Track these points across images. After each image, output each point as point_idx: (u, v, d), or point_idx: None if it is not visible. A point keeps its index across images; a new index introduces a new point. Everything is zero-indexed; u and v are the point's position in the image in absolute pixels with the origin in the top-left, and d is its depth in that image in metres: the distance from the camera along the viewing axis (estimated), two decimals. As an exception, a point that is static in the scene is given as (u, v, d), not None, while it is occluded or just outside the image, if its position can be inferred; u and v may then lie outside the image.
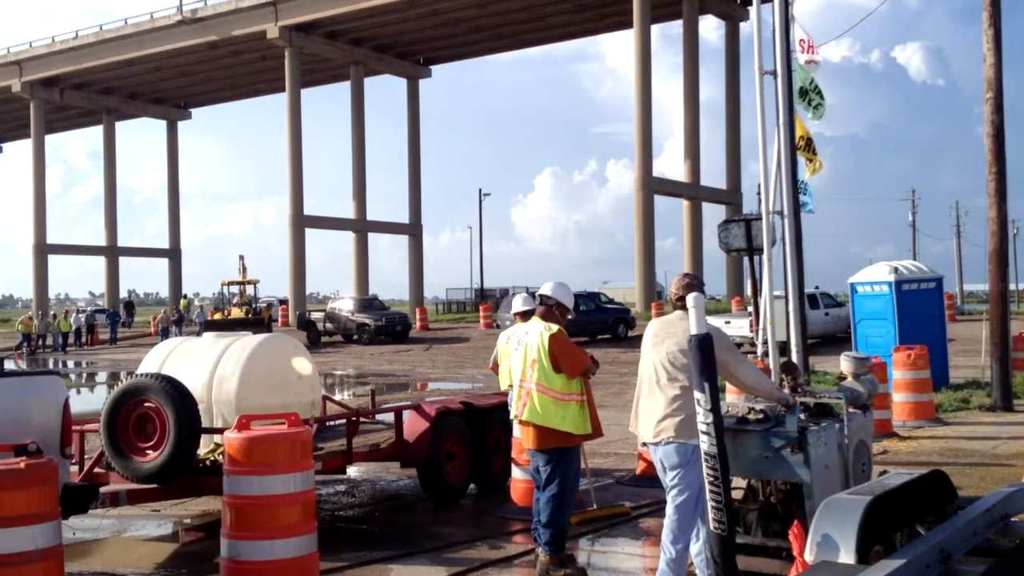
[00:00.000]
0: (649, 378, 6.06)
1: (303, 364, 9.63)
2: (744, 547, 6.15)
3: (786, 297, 8.75)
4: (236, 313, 43.07)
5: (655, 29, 54.57)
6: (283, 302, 55.71)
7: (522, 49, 67.31)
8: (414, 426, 9.23)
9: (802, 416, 6.17)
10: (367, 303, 42.21)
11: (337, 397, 13.88)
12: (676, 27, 56.85)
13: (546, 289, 7.18)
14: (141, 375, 8.04)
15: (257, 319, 41.74)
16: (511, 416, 7.07)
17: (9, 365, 7.10)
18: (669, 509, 5.96)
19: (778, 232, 9.18)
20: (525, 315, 8.60)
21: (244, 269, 46.97)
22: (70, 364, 38.26)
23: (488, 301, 53.82)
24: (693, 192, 55.47)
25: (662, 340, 5.99)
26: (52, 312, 53.37)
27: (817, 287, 31.79)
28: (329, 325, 39.77)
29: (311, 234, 60.99)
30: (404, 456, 9.30)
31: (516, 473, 9.05)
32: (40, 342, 43.89)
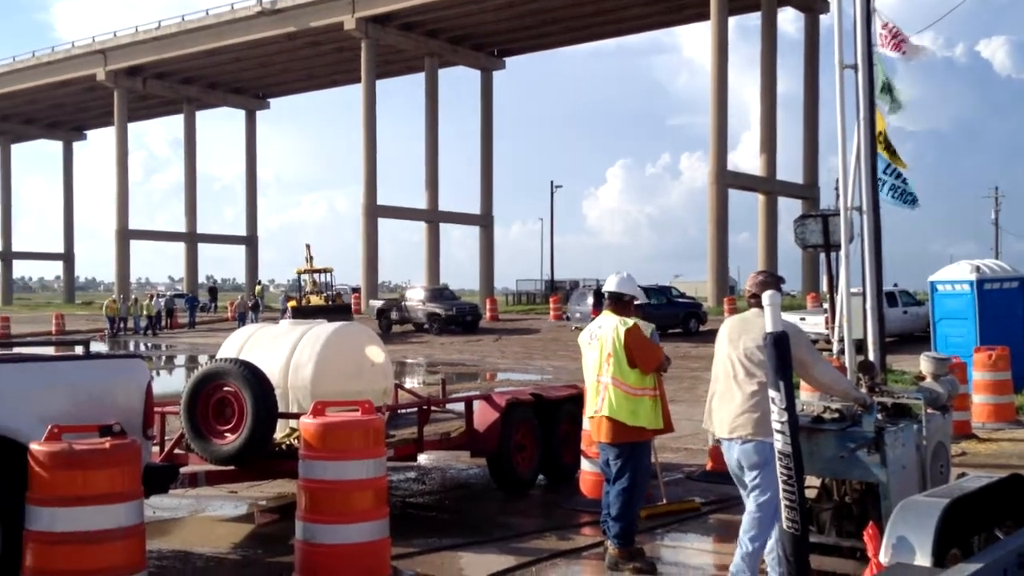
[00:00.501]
0: (725, 375, 6.03)
1: (376, 352, 9.76)
2: (817, 547, 6.09)
3: (864, 294, 8.61)
4: (316, 301, 42.43)
5: (732, 21, 53.90)
6: (355, 291, 56.37)
7: (597, 41, 67.09)
8: (484, 416, 9.30)
9: (879, 416, 6.08)
10: (438, 293, 42.47)
11: (408, 386, 14.03)
12: (753, 19, 56.08)
13: (612, 284, 7.16)
14: (221, 360, 8.23)
15: (343, 306, 41.90)
16: (587, 413, 7.05)
17: (94, 348, 7.35)
18: (751, 506, 5.91)
19: (856, 228, 9.05)
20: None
21: (311, 258, 46.71)
22: (151, 347, 39.21)
23: (558, 293, 53.82)
24: (769, 186, 54.73)
25: (738, 337, 5.95)
26: (133, 296, 54.73)
27: (896, 285, 31.19)
28: (400, 314, 40.14)
29: (384, 224, 61.59)
30: (474, 446, 9.37)
31: (585, 465, 9.07)
32: (122, 325, 45.03)
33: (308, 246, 47.38)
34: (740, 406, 5.88)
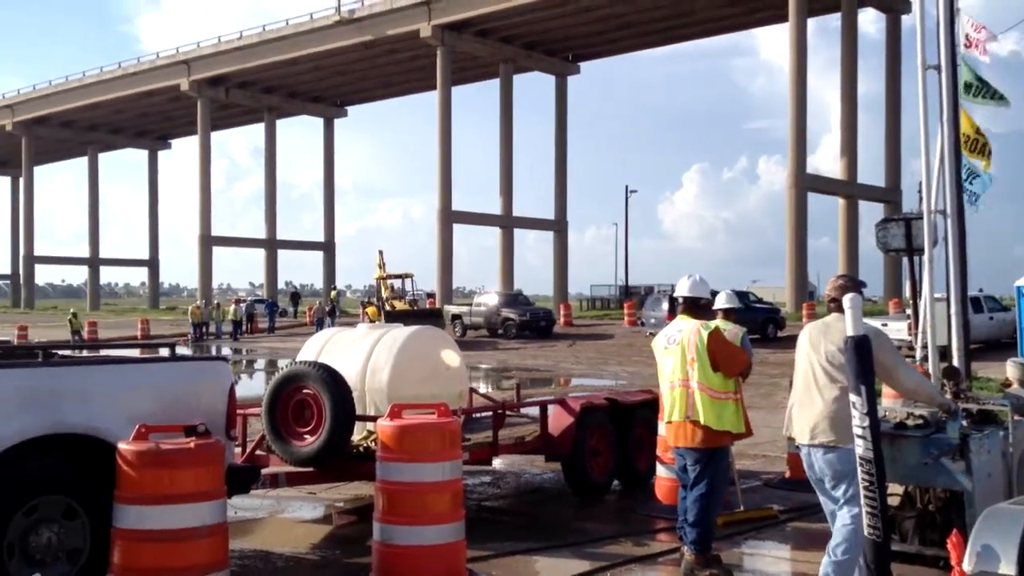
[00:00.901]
0: (806, 380, 5.95)
1: (452, 356, 9.84)
2: (900, 555, 5.99)
3: (948, 300, 8.42)
4: (400, 306, 40.94)
5: (811, 22, 53.12)
6: (430, 296, 56.82)
7: (672, 44, 66.63)
8: (559, 420, 9.31)
9: (964, 423, 5.95)
10: (512, 298, 42.62)
11: (482, 390, 14.10)
12: (833, 20, 55.21)
13: (684, 289, 7.10)
14: (300, 363, 8.38)
15: (434, 311, 41.42)
16: (667, 418, 7.00)
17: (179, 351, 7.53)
18: (844, 518, 5.74)
19: (940, 232, 8.86)
20: (725, 313, 9.28)
21: (383, 264, 45.76)
22: (233, 351, 40.02)
23: (632, 298, 53.54)
24: (849, 190, 53.79)
25: (819, 341, 5.87)
26: (216, 301, 55.89)
27: (981, 290, 30.38)
28: (475, 319, 40.34)
29: (458, 229, 61.96)
30: (548, 450, 9.38)
31: (661, 471, 9.02)
32: (205, 330, 46.04)
33: (380, 252, 46.64)
34: (821, 411, 5.79)
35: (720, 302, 9.41)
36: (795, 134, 49.98)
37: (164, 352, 7.13)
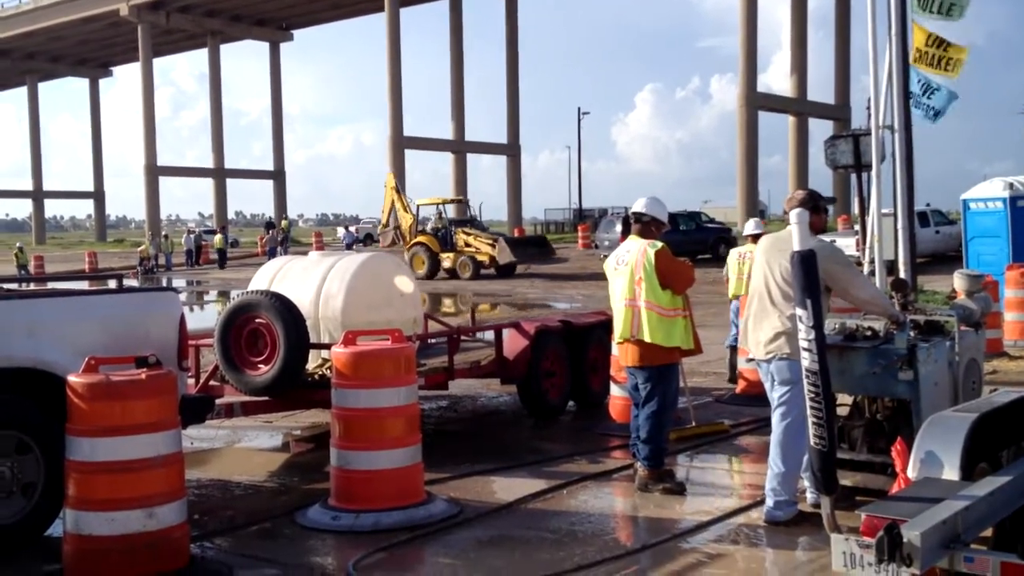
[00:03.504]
0: (760, 295, 6.03)
1: (405, 283, 9.81)
2: (849, 463, 6.14)
3: (895, 215, 8.53)
4: (471, 240, 33.45)
5: (761, -62, 52.62)
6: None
7: (622, -38, 65.74)
8: (514, 344, 9.35)
9: (912, 334, 6.06)
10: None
11: (437, 316, 14.12)
12: (783, -65, 54.74)
13: (639, 206, 7.11)
14: (252, 292, 8.31)
15: (540, 239, 36.69)
16: (618, 338, 7.06)
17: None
18: (778, 426, 5.96)
19: (888, 148, 8.92)
20: (755, 238, 10.04)
21: (398, 189, 38.29)
22: (184, 283, 39.61)
23: (586, 221, 53.63)
24: (799, 107, 53.97)
25: (775, 257, 5.93)
26: (164, 233, 55.16)
27: (928, 204, 30.82)
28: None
29: (411, 155, 61.46)
30: (504, 373, 9.44)
31: (615, 390, 9.13)
32: (155, 262, 45.48)
33: (393, 174, 40.55)
34: (776, 327, 5.88)
35: (749, 228, 11.09)
36: (746, 52, 49.86)
37: (112, 284, 7.04)
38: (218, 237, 48.88)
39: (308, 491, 7.12)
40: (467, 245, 33.35)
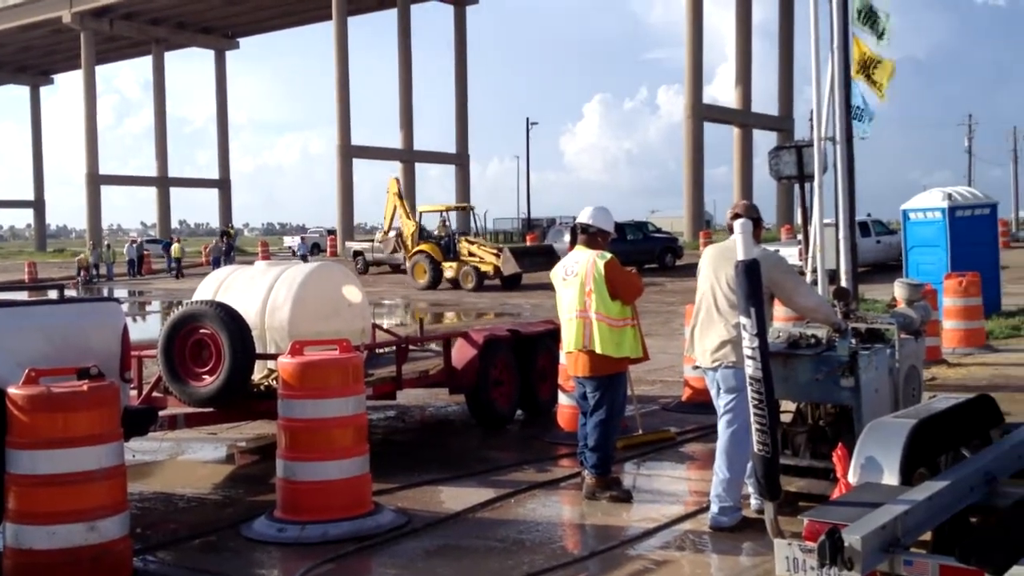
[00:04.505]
0: (707, 304, 6.10)
1: (353, 292, 9.76)
2: (792, 468, 6.22)
3: (836, 225, 8.67)
4: (476, 249, 32.26)
5: (706, -49, 53.30)
6: (331, 232, 56.08)
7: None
8: (462, 353, 9.35)
9: (853, 341, 6.17)
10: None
11: (386, 325, 14.05)
12: (728, -52, 55.50)
13: (585, 217, 7.14)
14: (196, 302, 8.22)
15: (547, 248, 33.57)
16: (567, 348, 7.08)
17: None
18: (724, 433, 6.03)
19: (830, 159, 9.08)
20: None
21: (401, 194, 36.17)
22: (126, 293, 39.00)
23: (535, 231, 53.79)
24: (744, 119, 54.67)
25: (720, 266, 6.01)
26: (106, 243, 54.28)
27: (869, 215, 31.40)
28: (377, 255, 39.90)
29: (359, 164, 61.20)
30: (452, 382, 9.43)
31: (562, 399, 9.16)
32: (96, 271, 44.75)
33: (397, 180, 37.02)
34: (722, 335, 5.95)
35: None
36: (691, 64, 50.43)
37: (52, 295, 6.92)
38: (176, 246, 48.20)
39: (253, 503, 7.05)
40: (470, 255, 32.03)
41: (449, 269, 32.14)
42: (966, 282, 14.04)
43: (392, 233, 36.58)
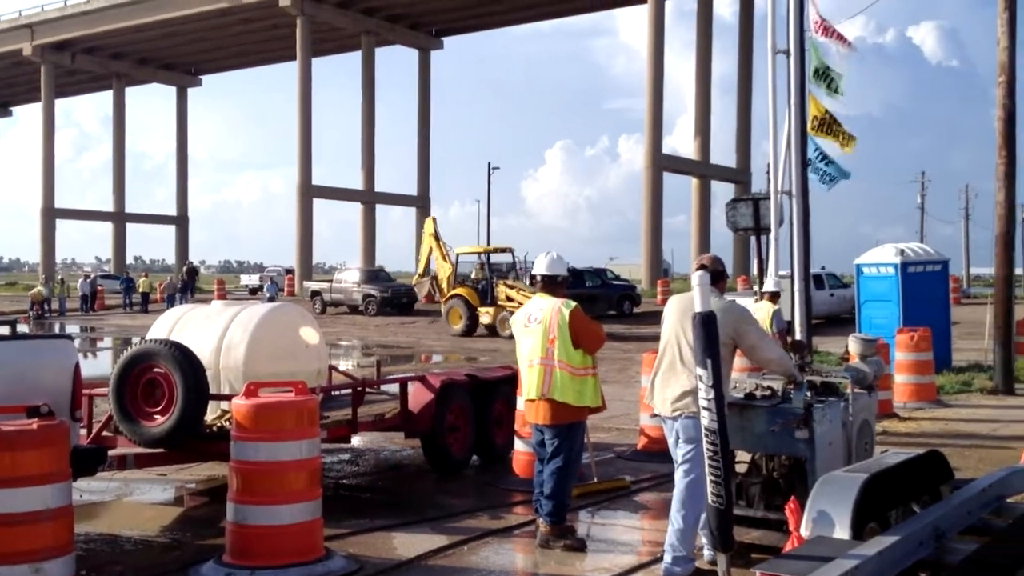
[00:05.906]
0: (671, 354, 6.13)
1: (310, 334, 9.70)
2: (746, 519, 6.25)
3: (792, 277, 8.78)
4: (511, 293, 29.73)
5: (669, 4, 54.35)
6: (288, 272, 55.76)
7: (536, 22, 67.09)
8: (419, 397, 9.31)
9: (808, 394, 6.24)
10: (373, 275, 42.11)
11: (342, 368, 13.96)
12: (689, 2, 56.66)
13: (543, 268, 7.17)
14: (150, 341, 8.12)
15: (588, 295, 31.37)
16: (527, 395, 7.07)
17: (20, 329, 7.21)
18: (681, 483, 6.03)
19: (786, 212, 9.21)
20: (773, 296, 10.90)
21: (438, 235, 33.39)
22: (78, 329, 38.42)
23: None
24: (703, 170, 55.39)
25: (687, 316, 6.05)
26: (59, 277, 53.55)
27: (823, 268, 31.83)
28: (335, 296, 39.81)
29: (319, 204, 61.09)
30: (408, 427, 9.38)
31: (519, 445, 9.14)
32: (47, 306, 44.04)
33: (434, 219, 34.53)
34: (684, 386, 5.97)
35: (768, 286, 11.00)
36: (652, 115, 51.12)
37: (3, 330, 6.81)
38: (144, 280, 47.83)
39: (201, 547, 6.94)
40: (508, 299, 29.33)
41: (485, 315, 30.03)
42: (918, 337, 14.25)
43: (427, 276, 34.26)
